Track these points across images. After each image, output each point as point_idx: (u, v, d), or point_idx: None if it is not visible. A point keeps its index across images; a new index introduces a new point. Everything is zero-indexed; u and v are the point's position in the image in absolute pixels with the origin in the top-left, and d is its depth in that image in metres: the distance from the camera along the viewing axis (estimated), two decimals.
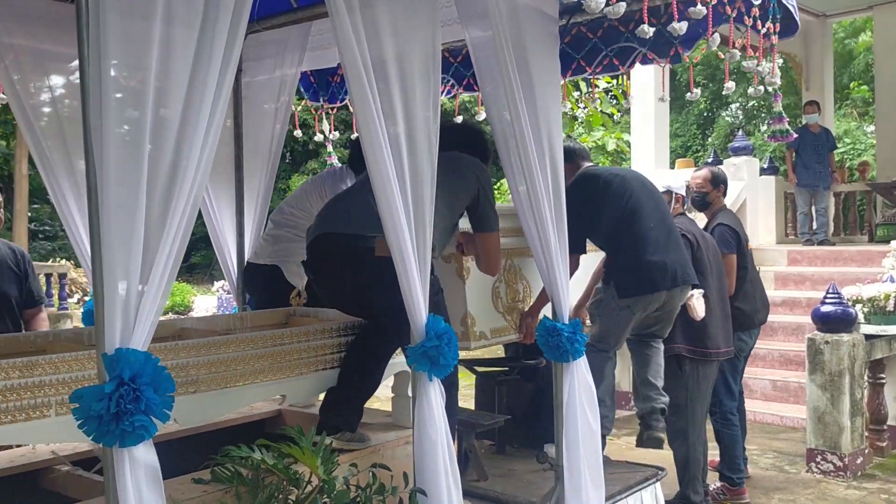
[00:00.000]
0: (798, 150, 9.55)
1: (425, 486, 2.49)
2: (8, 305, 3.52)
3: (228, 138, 3.99)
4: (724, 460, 4.88)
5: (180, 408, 2.48)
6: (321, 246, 3.02)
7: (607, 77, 16.63)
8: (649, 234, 3.85)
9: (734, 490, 4.86)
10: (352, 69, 2.32)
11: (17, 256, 3.58)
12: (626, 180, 3.98)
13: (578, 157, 4.13)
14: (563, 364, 3.05)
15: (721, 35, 3.34)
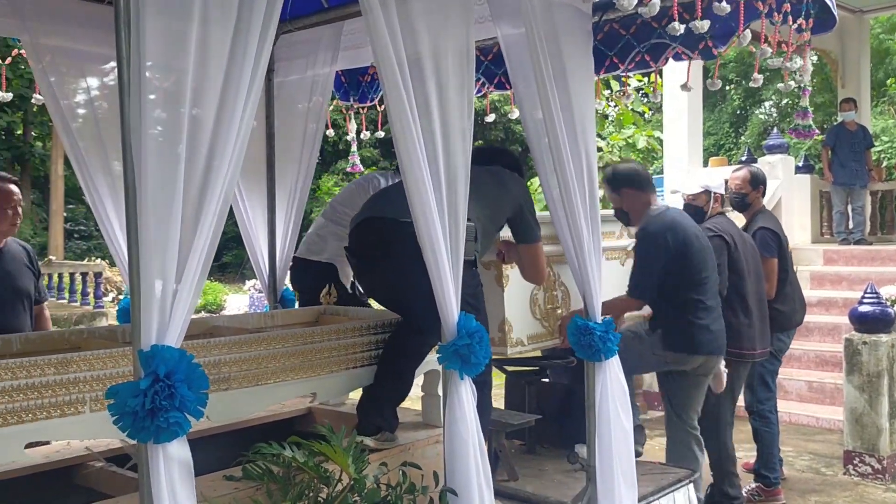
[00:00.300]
0: (834, 147, 9.40)
1: (456, 485, 2.48)
2: (28, 301, 3.64)
3: (260, 138, 4.01)
4: (761, 459, 4.88)
5: (212, 405, 2.47)
6: (365, 230, 3.00)
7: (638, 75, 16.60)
8: (709, 302, 3.94)
9: (769, 490, 4.85)
10: (386, 67, 2.32)
11: (29, 255, 3.69)
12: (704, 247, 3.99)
13: (647, 186, 4.09)
14: (595, 363, 3.03)
15: (753, 31, 3.30)
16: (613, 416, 3.00)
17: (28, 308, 3.64)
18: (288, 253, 4.05)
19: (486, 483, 2.53)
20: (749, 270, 4.45)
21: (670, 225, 3.89)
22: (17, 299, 3.56)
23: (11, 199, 3.48)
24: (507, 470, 3.53)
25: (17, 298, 3.56)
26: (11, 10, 3.19)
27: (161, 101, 1.80)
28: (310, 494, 2.38)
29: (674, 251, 3.84)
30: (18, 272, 3.59)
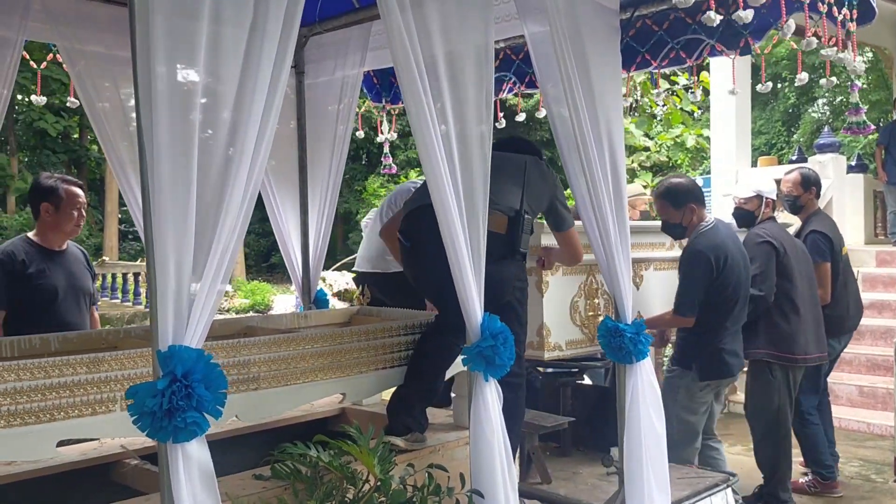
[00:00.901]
0: (888, 146, 9.13)
1: (482, 486, 2.46)
2: (88, 300, 3.78)
3: (292, 140, 4.05)
4: (809, 457, 4.94)
5: (242, 404, 2.55)
6: (420, 216, 2.92)
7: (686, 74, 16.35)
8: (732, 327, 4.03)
9: (826, 483, 4.93)
10: (404, 68, 2.32)
11: (85, 257, 3.81)
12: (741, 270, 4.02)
13: (703, 200, 4.12)
14: (626, 365, 2.99)
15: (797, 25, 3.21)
16: (645, 419, 2.96)
17: (87, 307, 3.78)
18: (320, 254, 4.08)
19: (512, 485, 2.52)
20: (800, 275, 4.42)
21: (719, 245, 3.93)
22: (80, 298, 3.70)
23: (77, 202, 3.59)
24: (540, 472, 3.50)
25: (80, 297, 3.70)
26: (45, 17, 3.27)
27: (173, 101, 1.80)
28: (337, 494, 2.39)
29: (716, 272, 3.89)
30: (80, 273, 3.73)
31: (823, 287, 4.74)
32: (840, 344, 5.01)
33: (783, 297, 4.33)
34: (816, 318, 4.48)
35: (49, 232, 3.56)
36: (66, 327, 3.43)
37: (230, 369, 2.46)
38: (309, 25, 4.08)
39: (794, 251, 4.44)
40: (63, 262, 3.61)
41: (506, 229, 2.93)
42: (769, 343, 4.31)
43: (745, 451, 5.96)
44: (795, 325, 4.31)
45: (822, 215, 5.16)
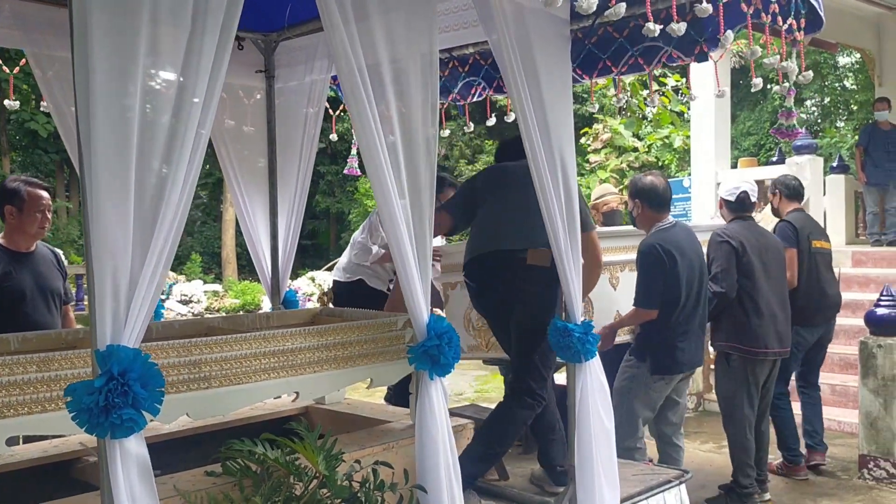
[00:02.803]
0: (868, 148, 9.24)
1: (426, 483, 2.54)
2: (57, 300, 3.84)
3: (262, 143, 4.12)
4: (779, 441, 5.30)
5: (193, 402, 2.61)
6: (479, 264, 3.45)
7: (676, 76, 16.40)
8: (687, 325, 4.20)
9: (791, 467, 5.32)
10: (348, 80, 2.39)
11: (57, 257, 3.86)
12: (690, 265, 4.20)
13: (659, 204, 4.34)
14: (575, 364, 3.06)
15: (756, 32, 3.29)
16: (594, 417, 3.04)
17: (58, 307, 3.84)
18: (289, 255, 4.15)
19: (457, 481, 2.59)
20: (764, 273, 4.63)
21: (670, 241, 4.17)
22: (48, 298, 3.76)
23: (40, 204, 3.65)
24: (497, 470, 3.57)
25: (48, 298, 3.76)
26: (15, 23, 3.33)
27: (112, 102, 1.86)
28: (283, 490, 2.46)
29: (668, 265, 4.09)
30: (49, 273, 3.79)
31: (790, 271, 5.05)
32: (812, 335, 5.28)
33: (744, 295, 4.55)
34: (785, 314, 4.68)
35: (14, 234, 3.62)
36: (35, 328, 3.50)
37: (181, 368, 2.52)
38: (278, 30, 4.16)
39: (756, 251, 4.63)
40: (30, 263, 3.67)
41: (550, 262, 3.17)
42: (731, 337, 4.58)
43: (716, 448, 6.06)
44: (756, 321, 4.52)
45: (798, 213, 5.47)
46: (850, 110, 23.32)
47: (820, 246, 5.35)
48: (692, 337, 4.19)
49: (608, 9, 2.76)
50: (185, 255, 22.83)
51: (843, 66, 22.92)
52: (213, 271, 22.38)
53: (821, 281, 5.28)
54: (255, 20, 3.99)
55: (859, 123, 22.31)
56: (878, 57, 11.67)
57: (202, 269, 21.34)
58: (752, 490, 4.58)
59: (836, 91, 23.34)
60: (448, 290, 4.38)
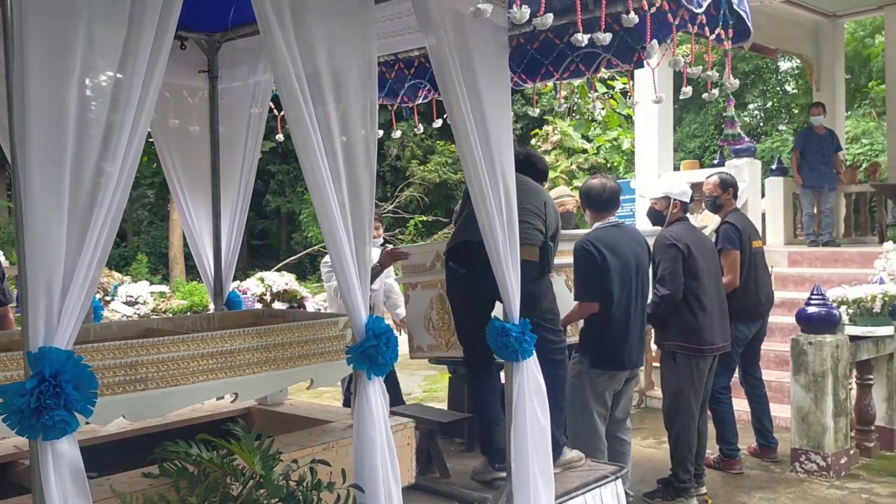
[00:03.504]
0: (803, 151, 9.54)
1: (363, 482, 2.58)
2: None
3: (205, 144, 4.11)
4: (718, 433, 5.50)
5: (129, 404, 2.61)
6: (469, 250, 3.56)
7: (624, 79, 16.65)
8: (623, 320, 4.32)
9: (727, 461, 5.51)
10: (285, 84, 2.42)
11: None
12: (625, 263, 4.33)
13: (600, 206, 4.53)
14: (513, 363, 3.13)
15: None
16: (530, 415, 3.10)
17: None
18: (233, 255, 4.14)
19: (395, 480, 2.64)
20: (708, 272, 4.82)
21: (603, 239, 4.33)
22: None
23: None
24: (439, 468, 3.63)
25: None
26: None
27: (46, 101, 1.87)
28: (221, 490, 2.48)
29: (600, 261, 4.23)
30: None
31: (733, 272, 5.35)
32: (749, 330, 5.57)
33: (690, 295, 4.73)
34: (722, 310, 4.90)
35: None
36: None
37: (118, 370, 2.53)
38: (222, 31, 4.15)
39: (700, 251, 4.80)
40: None
41: (538, 256, 3.64)
42: (678, 335, 4.75)
43: (656, 444, 6.21)
44: (701, 319, 4.72)
45: (739, 213, 5.75)
46: (791, 114, 23.97)
47: (757, 246, 5.64)
48: (632, 334, 4.31)
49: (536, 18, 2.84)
50: (130, 256, 22.44)
51: (784, 71, 23.55)
52: (160, 272, 22.01)
53: (758, 279, 5.57)
54: (198, 20, 3.98)
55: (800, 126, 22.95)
56: (816, 62, 12.03)
57: (148, 269, 20.97)
58: (689, 484, 4.75)
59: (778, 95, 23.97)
60: (408, 291, 4.50)
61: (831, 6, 11.47)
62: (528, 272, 3.48)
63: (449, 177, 22.71)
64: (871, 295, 5.66)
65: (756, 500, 4.96)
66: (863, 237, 10.83)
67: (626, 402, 4.62)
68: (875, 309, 5.65)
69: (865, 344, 5.66)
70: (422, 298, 4.44)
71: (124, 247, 24.22)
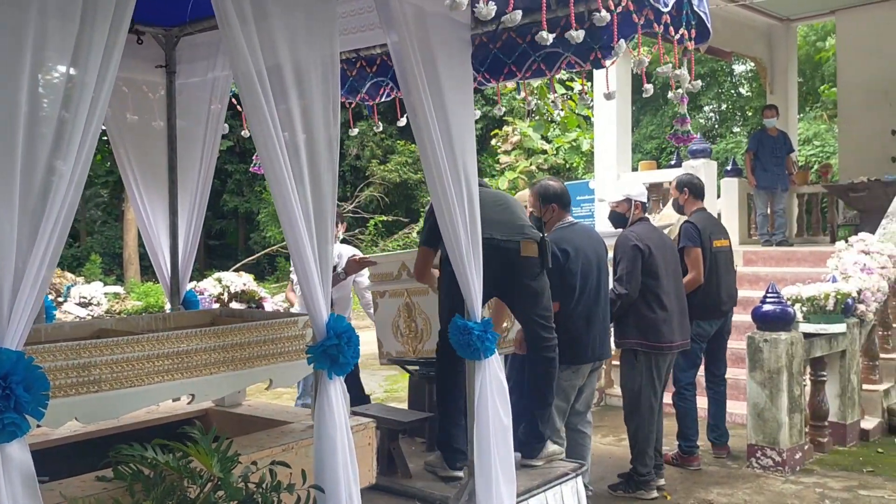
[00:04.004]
0: (757, 152, 9.71)
1: (324, 483, 2.54)
2: None
3: (162, 140, 4.03)
4: (679, 429, 5.57)
5: (83, 406, 2.54)
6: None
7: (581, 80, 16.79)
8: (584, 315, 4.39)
9: (685, 458, 5.57)
10: (245, 80, 2.38)
11: None
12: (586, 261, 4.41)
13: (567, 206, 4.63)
14: (475, 362, 3.12)
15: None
16: (493, 413, 3.10)
17: None
18: (190, 254, 4.06)
19: (354, 481, 2.61)
20: (666, 271, 4.91)
21: (566, 239, 4.40)
22: None
23: None
24: (400, 468, 3.60)
25: None
26: None
27: None
28: (178, 493, 2.43)
29: (562, 261, 4.29)
30: None
31: (696, 269, 5.44)
32: (711, 327, 5.65)
33: (650, 293, 4.83)
34: (681, 309, 4.98)
35: None
36: None
37: (70, 371, 2.46)
38: (180, 25, 4.07)
39: (660, 250, 4.90)
40: None
41: (538, 252, 3.73)
42: (638, 334, 4.83)
43: (616, 441, 6.26)
44: (661, 317, 4.81)
45: (703, 213, 5.81)
46: (745, 116, 24.42)
47: (720, 245, 5.71)
48: (595, 328, 4.38)
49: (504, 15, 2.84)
50: (84, 257, 21.97)
51: (738, 73, 23.97)
52: (115, 273, 21.59)
53: (720, 277, 5.64)
54: (155, 14, 3.90)
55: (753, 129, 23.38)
56: (770, 65, 12.26)
57: (102, 270, 20.56)
58: (649, 477, 4.88)
59: (732, 98, 24.39)
60: (377, 299, 4.59)
61: (785, 10, 11.70)
62: (531, 269, 3.71)
63: (409, 176, 22.69)
64: (824, 293, 5.78)
65: (714, 496, 5.02)
66: (815, 237, 11.07)
67: (589, 395, 4.67)
68: (828, 307, 5.76)
69: (819, 341, 5.77)
70: (389, 306, 4.56)
71: (77, 247, 23.72)
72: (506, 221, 3.77)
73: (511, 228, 3.75)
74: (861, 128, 11.58)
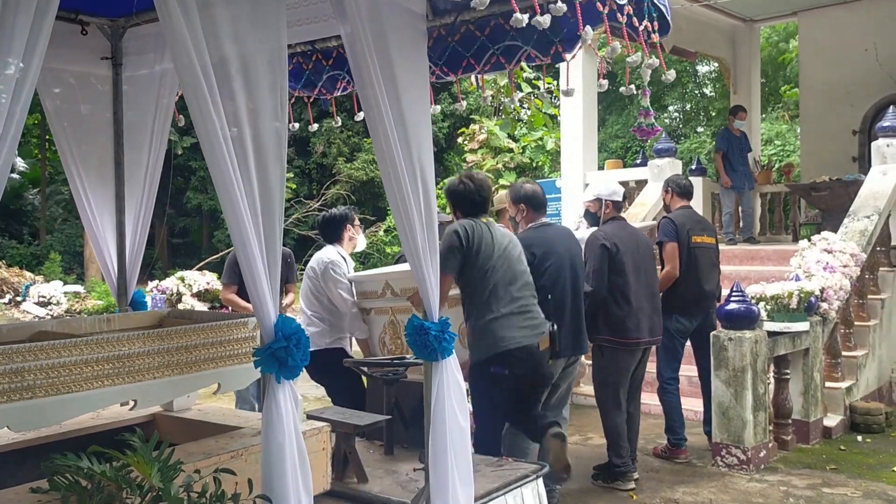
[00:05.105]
0: (727, 153, 9.76)
1: (272, 492, 2.43)
2: None
3: (108, 134, 3.88)
4: (666, 423, 5.70)
5: (14, 414, 2.41)
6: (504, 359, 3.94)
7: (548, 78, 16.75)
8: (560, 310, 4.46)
9: (673, 450, 5.68)
10: (187, 73, 2.27)
11: None
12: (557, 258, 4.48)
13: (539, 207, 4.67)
14: (432, 363, 3.02)
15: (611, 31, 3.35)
16: (450, 415, 3.01)
17: None
18: (137, 252, 3.91)
19: (305, 489, 2.49)
20: (636, 269, 5.01)
21: (533, 238, 4.49)
22: None
23: None
24: (355, 471, 3.49)
25: None
26: None
27: None
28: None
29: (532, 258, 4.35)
30: None
31: (671, 263, 5.55)
32: (691, 323, 5.67)
33: (617, 290, 4.94)
34: (652, 307, 5.07)
35: None
36: None
37: (1, 378, 2.32)
38: (126, 16, 3.92)
39: (629, 248, 5.00)
40: None
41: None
42: (606, 329, 4.97)
43: (583, 440, 6.22)
44: (627, 313, 4.95)
45: (684, 210, 5.90)
46: (709, 116, 24.61)
47: (700, 241, 5.76)
48: (565, 324, 4.42)
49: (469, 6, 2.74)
50: (43, 255, 21.49)
51: (702, 74, 24.16)
52: (75, 271, 21.15)
53: (699, 273, 5.67)
54: (99, 4, 3.75)
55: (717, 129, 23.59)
56: (733, 66, 12.34)
57: (62, 269, 20.11)
58: (624, 468, 5.05)
59: (696, 98, 24.58)
60: (364, 316, 4.72)
61: (748, 11, 11.78)
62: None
63: (376, 174, 22.52)
64: (787, 291, 5.78)
65: (679, 494, 4.98)
66: (777, 235, 11.17)
67: (564, 392, 4.69)
68: (791, 305, 5.76)
69: (782, 339, 5.76)
70: (376, 323, 4.68)
71: (36, 245, 23.22)
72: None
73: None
74: (823, 128, 11.72)
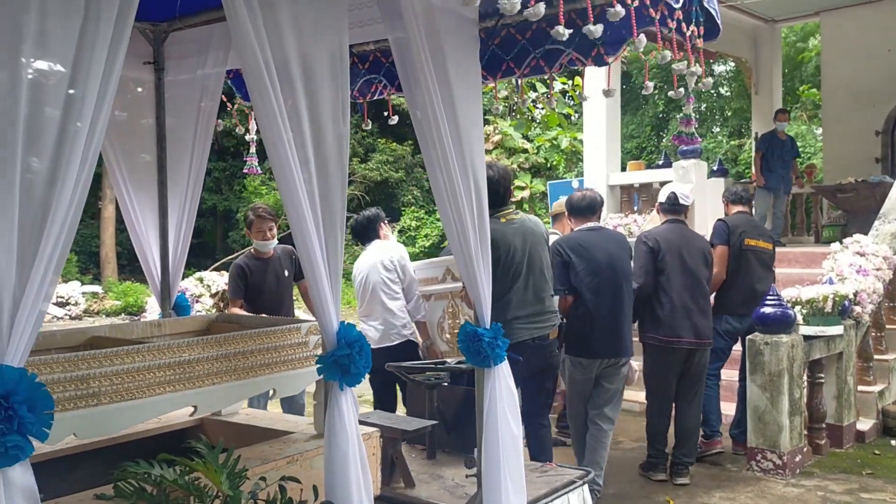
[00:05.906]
0: (766, 154, 9.74)
1: (336, 498, 2.43)
2: None
3: (151, 139, 3.89)
4: (703, 416, 5.64)
5: (81, 421, 2.41)
6: None
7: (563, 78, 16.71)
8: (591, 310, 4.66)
9: (707, 442, 5.76)
10: (253, 72, 2.27)
11: None
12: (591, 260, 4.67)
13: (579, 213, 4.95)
14: (485, 369, 3.02)
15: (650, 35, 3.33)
16: (502, 422, 2.99)
17: None
18: (180, 257, 3.92)
19: (367, 495, 2.50)
20: (682, 269, 5.13)
21: (569, 241, 4.80)
22: None
23: None
24: (403, 476, 3.49)
25: None
26: None
27: None
28: None
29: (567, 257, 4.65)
30: None
31: (719, 265, 5.64)
32: (741, 324, 5.74)
33: (660, 290, 5.08)
34: (698, 308, 5.14)
35: None
36: None
37: (68, 385, 2.33)
38: (169, 20, 3.92)
39: (675, 249, 5.14)
40: None
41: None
42: (651, 328, 5.16)
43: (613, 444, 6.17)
44: (668, 313, 5.08)
45: (739, 215, 6.05)
46: (725, 117, 24.51)
47: (754, 244, 5.83)
48: (600, 326, 4.59)
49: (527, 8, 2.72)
50: None
51: (718, 73, 24.06)
52: (91, 272, 21.23)
53: (750, 276, 5.76)
54: (143, 8, 3.72)
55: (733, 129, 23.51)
56: (755, 66, 12.28)
57: (79, 269, 20.20)
58: (655, 461, 5.25)
59: (713, 98, 24.48)
60: (424, 301, 4.99)
61: (770, 11, 11.71)
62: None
63: (390, 175, 22.54)
64: (822, 295, 5.73)
65: (716, 500, 4.96)
66: (799, 237, 11.10)
67: (605, 391, 4.77)
68: (826, 309, 5.73)
69: (818, 343, 5.73)
70: (435, 309, 4.94)
71: None
72: None
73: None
74: (845, 128, 11.65)
